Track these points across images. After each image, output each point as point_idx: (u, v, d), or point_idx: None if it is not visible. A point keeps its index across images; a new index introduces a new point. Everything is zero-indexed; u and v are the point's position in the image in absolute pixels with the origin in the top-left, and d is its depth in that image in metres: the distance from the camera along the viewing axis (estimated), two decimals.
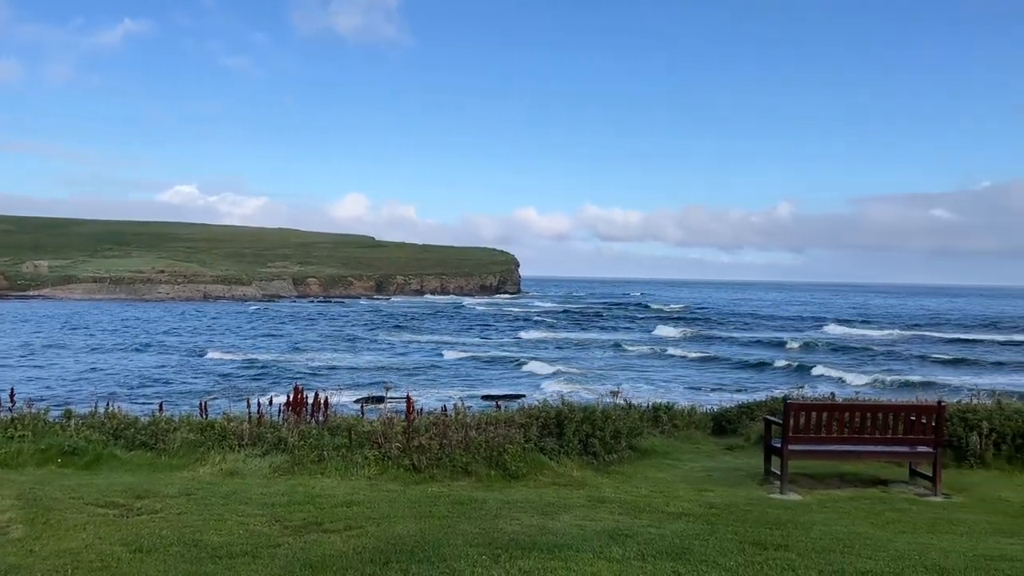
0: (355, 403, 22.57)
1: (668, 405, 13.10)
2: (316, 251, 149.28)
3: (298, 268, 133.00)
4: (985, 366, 43.87)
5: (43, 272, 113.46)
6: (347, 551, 5.81)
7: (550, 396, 11.31)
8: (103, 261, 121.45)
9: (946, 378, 36.11)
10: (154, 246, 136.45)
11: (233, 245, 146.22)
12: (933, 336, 64.92)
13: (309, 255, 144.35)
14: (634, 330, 71.06)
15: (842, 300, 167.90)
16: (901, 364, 45.14)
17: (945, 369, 42.53)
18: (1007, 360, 46.73)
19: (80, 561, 5.50)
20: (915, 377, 36.48)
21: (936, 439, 8.84)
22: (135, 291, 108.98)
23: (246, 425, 9.85)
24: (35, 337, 53.40)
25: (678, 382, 35.78)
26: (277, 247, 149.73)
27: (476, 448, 9.18)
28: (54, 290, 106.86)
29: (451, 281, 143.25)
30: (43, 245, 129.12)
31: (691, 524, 6.95)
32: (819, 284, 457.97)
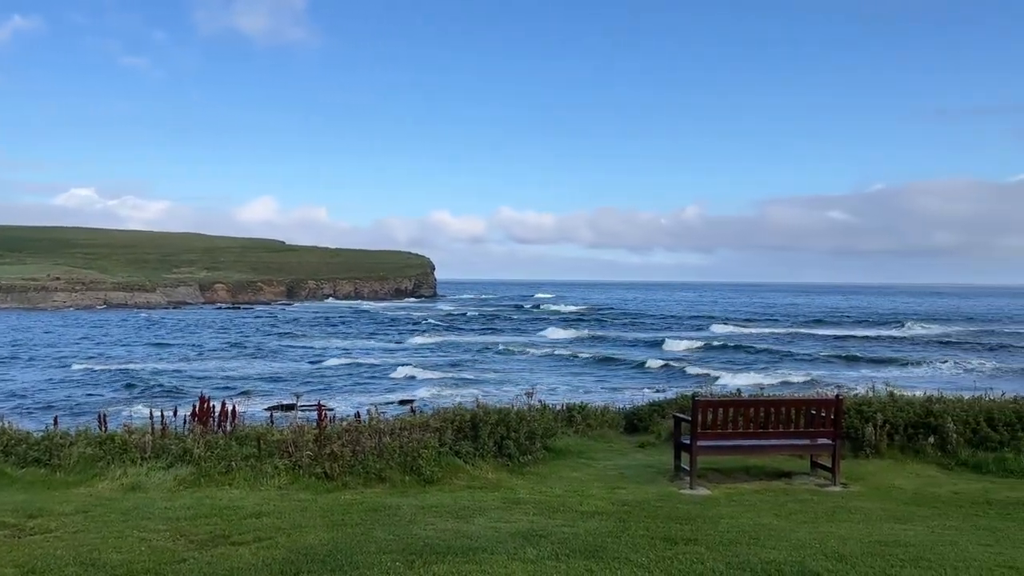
0: (265, 411, 22.04)
1: (582, 405, 13.26)
2: (224, 256, 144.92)
3: (205, 274, 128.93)
4: (858, 362, 45.41)
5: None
6: (256, 563, 5.65)
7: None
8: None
9: (818, 373, 37.35)
10: (49, 252, 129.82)
11: (136, 251, 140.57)
12: (817, 334, 67.86)
13: (216, 260, 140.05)
14: (527, 332, 70.83)
15: (746, 299, 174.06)
16: (775, 361, 46.67)
17: (816, 365, 44.02)
18: (877, 356, 48.63)
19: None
20: (792, 374, 37.67)
21: (835, 431, 9.23)
22: (28, 299, 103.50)
23: (149, 437, 9.47)
24: None
25: (553, 383, 35.66)
26: (182, 252, 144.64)
27: (390, 454, 9.08)
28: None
29: (365, 285, 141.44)
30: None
31: (604, 522, 7.05)
32: (728, 284, 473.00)
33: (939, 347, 55.73)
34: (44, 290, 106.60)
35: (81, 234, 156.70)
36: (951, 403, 10.77)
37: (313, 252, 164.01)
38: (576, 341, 60.99)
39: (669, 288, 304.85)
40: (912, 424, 10.47)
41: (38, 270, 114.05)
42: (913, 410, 10.63)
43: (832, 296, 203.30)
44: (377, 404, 18.08)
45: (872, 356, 48.29)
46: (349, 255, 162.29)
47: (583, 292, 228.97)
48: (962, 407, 10.59)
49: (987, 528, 7.03)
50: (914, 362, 44.65)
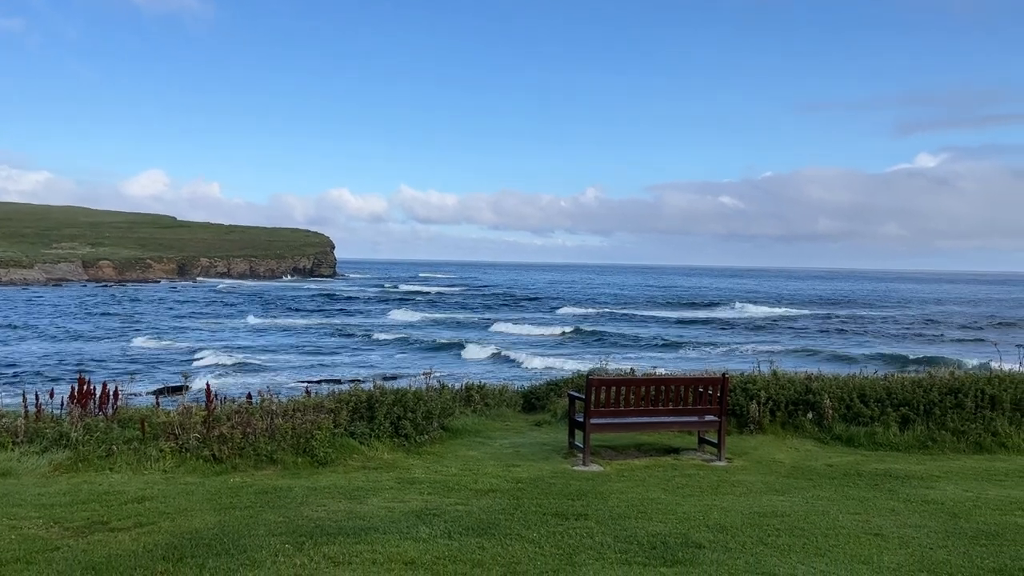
0: (150, 394, 21.21)
1: (480, 384, 13.32)
2: (109, 231, 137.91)
3: (89, 249, 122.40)
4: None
5: None
6: (136, 550, 5.45)
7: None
8: None
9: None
10: None
11: (11, 224, 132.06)
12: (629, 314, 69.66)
13: (101, 236, 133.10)
14: (371, 315, 67.92)
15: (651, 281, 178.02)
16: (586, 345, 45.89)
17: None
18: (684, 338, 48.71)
19: None
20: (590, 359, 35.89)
21: (721, 408, 9.59)
22: None
23: (21, 420, 8.96)
24: None
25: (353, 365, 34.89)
26: (63, 227, 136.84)
27: (282, 435, 8.89)
28: None
29: (261, 263, 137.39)
30: None
31: (498, 499, 7.12)
32: (628, 266, 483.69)
33: (742, 332, 56.15)
34: None
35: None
36: (828, 381, 11.36)
37: (206, 228, 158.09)
38: (417, 324, 59.11)
39: (567, 270, 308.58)
40: (793, 401, 11.00)
41: None
42: (794, 388, 11.16)
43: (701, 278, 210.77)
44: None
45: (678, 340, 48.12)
46: (244, 232, 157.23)
47: (488, 273, 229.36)
48: (838, 384, 11.19)
49: (856, 498, 7.47)
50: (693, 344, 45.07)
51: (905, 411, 10.53)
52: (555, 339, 48.99)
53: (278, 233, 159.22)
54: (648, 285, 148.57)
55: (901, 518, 6.68)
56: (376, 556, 5.25)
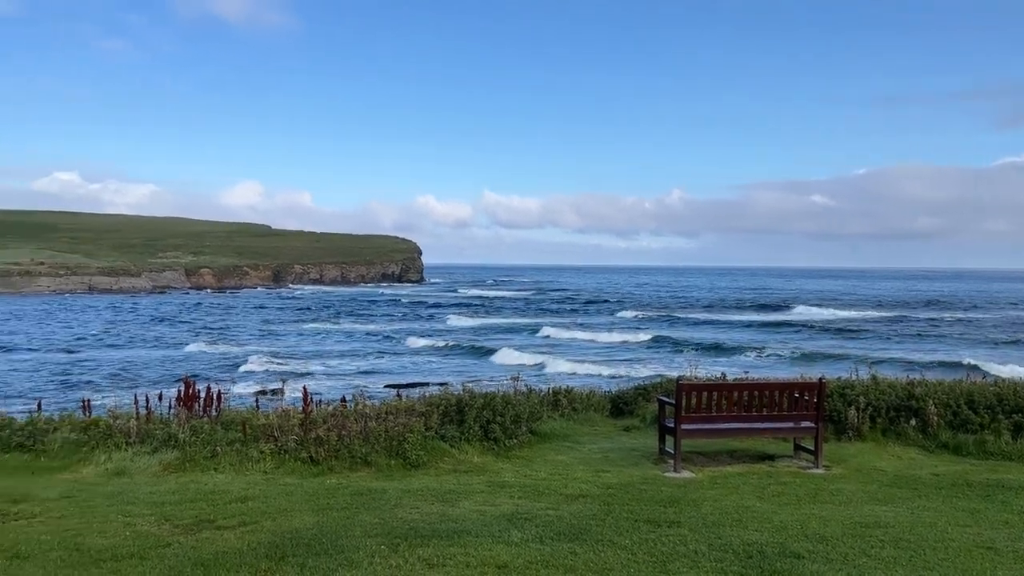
0: (251, 396, 21.99)
1: (568, 388, 13.30)
2: (209, 240, 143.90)
3: (190, 258, 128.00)
4: None
5: None
6: (241, 548, 5.67)
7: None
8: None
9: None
10: (32, 236, 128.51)
11: (120, 235, 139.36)
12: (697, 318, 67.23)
13: (202, 245, 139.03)
14: (430, 319, 68.03)
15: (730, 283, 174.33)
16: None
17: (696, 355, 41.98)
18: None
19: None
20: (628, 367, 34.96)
21: (818, 414, 9.30)
22: (11, 284, 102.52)
23: (133, 422, 9.44)
24: None
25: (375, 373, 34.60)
26: (167, 237, 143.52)
27: (376, 438, 9.10)
28: None
29: (351, 270, 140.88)
30: None
31: (589, 505, 7.10)
32: (713, 268, 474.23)
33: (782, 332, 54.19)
34: (28, 275, 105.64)
35: (64, 218, 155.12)
36: (933, 386, 10.88)
37: (299, 236, 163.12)
38: (466, 329, 58.90)
39: (651, 273, 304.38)
40: (894, 407, 10.57)
41: (20, 255, 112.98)
42: (895, 393, 10.73)
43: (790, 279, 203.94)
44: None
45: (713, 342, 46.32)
46: (335, 239, 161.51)
47: (562, 276, 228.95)
48: (944, 390, 10.70)
49: (966, 509, 7.12)
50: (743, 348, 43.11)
51: (1018, 418, 9.99)
52: (599, 343, 48.18)
53: (367, 240, 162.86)
54: (723, 287, 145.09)
55: (1015, 531, 6.34)
56: (469, 559, 5.31)
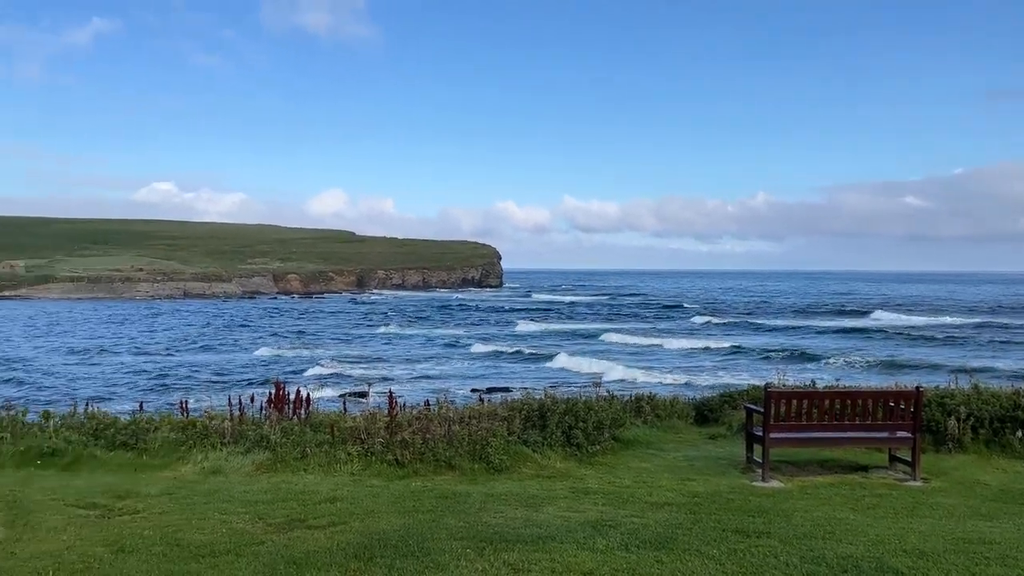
0: (338, 398, 22.50)
1: (651, 395, 13.16)
2: (296, 247, 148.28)
3: (278, 264, 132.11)
4: None
5: (19, 272, 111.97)
6: (331, 547, 5.80)
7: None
8: (80, 260, 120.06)
9: None
10: (132, 244, 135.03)
11: (212, 242, 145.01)
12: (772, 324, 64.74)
13: (289, 251, 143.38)
14: (497, 324, 68.39)
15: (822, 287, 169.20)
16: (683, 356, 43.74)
17: None
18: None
19: (61, 563, 5.46)
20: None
21: (915, 424, 8.93)
22: (114, 290, 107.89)
23: (228, 423, 9.79)
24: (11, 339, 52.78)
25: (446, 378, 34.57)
26: (256, 243, 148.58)
27: (459, 442, 9.18)
28: (31, 290, 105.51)
29: (433, 275, 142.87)
30: (19, 245, 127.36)
31: (674, 513, 6.99)
32: (800, 272, 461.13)
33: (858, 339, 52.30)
34: (128, 280, 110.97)
35: (161, 226, 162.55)
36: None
37: (382, 243, 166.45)
38: (529, 334, 58.98)
39: (733, 277, 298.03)
40: (999, 417, 10.06)
41: (121, 261, 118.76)
42: (1000, 403, 10.21)
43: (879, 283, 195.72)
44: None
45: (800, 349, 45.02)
46: (416, 245, 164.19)
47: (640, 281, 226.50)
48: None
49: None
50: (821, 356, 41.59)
51: None
52: (666, 349, 47.26)
53: (448, 246, 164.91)
54: (810, 292, 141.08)
55: None
56: (555, 565, 5.30)
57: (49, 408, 11.38)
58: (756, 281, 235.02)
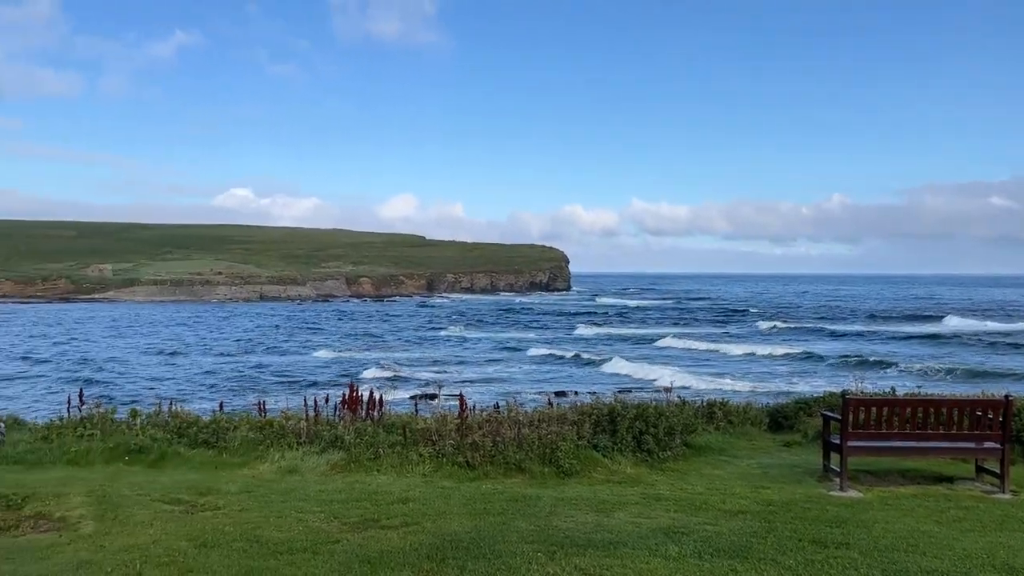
0: (409, 400, 22.82)
1: (723, 401, 12.92)
2: (367, 251, 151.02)
3: (351, 268, 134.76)
4: None
5: (107, 276, 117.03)
6: (404, 547, 5.88)
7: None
8: (163, 264, 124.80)
9: None
10: (212, 248, 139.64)
11: (287, 246, 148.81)
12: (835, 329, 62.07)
13: (361, 255, 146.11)
14: (557, 329, 67.65)
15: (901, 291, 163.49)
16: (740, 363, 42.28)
17: None
18: None
19: (148, 556, 5.68)
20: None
21: (1004, 435, 8.55)
22: (194, 292, 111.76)
23: (303, 423, 10.03)
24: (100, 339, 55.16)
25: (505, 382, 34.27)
26: (329, 247, 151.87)
27: (529, 445, 9.20)
28: (118, 292, 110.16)
29: (501, 278, 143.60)
30: (106, 250, 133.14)
31: (749, 522, 6.86)
32: (877, 276, 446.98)
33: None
34: (208, 284, 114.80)
35: (238, 231, 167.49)
36: None
37: (451, 247, 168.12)
38: (586, 339, 58.32)
39: (808, 281, 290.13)
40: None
41: (202, 265, 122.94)
42: None
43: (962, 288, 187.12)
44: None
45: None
46: (485, 249, 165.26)
47: (711, 285, 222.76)
48: None
49: None
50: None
51: None
52: (726, 355, 46.04)
53: (516, 249, 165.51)
54: (887, 296, 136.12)
55: None
56: (627, 571, 5.26)
57: (136, 406, 11.86)
58: (833, 285, 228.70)
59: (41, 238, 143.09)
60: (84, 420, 10.28)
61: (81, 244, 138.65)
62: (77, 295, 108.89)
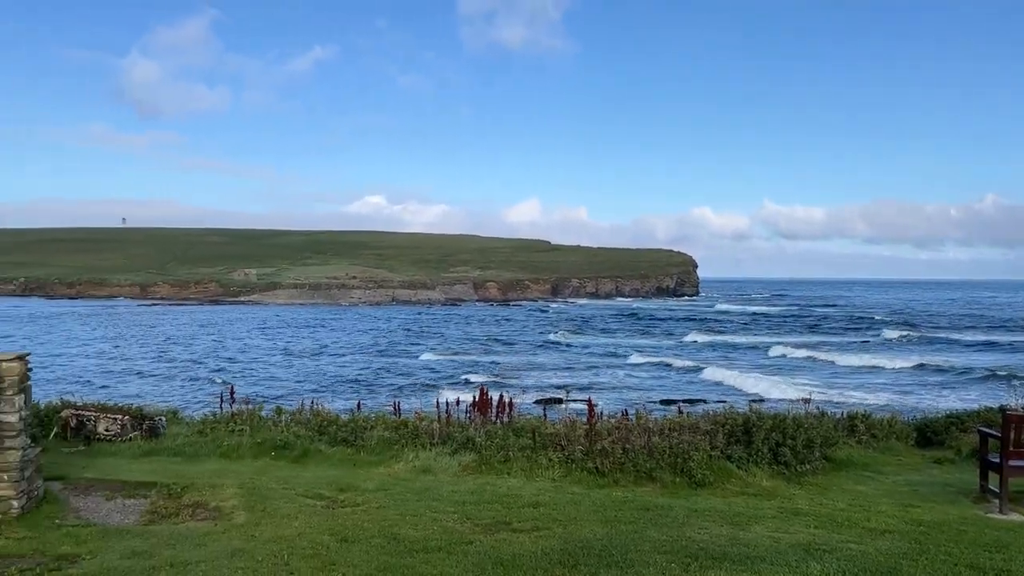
0: (535, 404, 22.94)
1: (866, 414, 12.29)
2: (494, 256, 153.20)
3: (478, 272, 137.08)
4: None
5: (252, 280, 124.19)
6: (535, 551, 5.91)
7: None
8: (303, 268, 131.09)
9: None
10: (347, 254, 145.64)
11: (418, 251, 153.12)
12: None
13: (488, 260, 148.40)
14: (669, 335, 65.35)
15: None
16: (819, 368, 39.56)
17: None
18: None
19: (294, 547, 5.97)
20: None
21: None
22: (331, 296, 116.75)
23: (436, 424, 10.27)
24: (256, 338, 58.55)
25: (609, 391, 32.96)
26: (458, 252, 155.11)
27: (660, 454, 9.06)
28: (262, 296, 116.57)
29: (626, 283, 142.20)
30: (252, 255, 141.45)
31: (897, 542, 6.49)
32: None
33: None
34: (344, 287, 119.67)
35: (372, 237, 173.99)
36: None
37: (576, 251, 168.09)
38: (690, 346, 56.14)
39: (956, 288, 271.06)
40: None
41: (338, 270, 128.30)
42: None
43: None
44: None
45: None
46: (610, 254, 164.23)
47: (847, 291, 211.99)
48: None
49: None
50: None
51: None
52: (838, 366, 43.14)
53: (641, 254, 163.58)
54: None
55: None
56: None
57: (281, 404, 12.51)
58: (986, 291, 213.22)
59: (195, 244, 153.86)
60: (234, 416, 10.93)
61: (230, 250, 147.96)
62: (225, 297, 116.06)
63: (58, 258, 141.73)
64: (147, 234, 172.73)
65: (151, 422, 10.69)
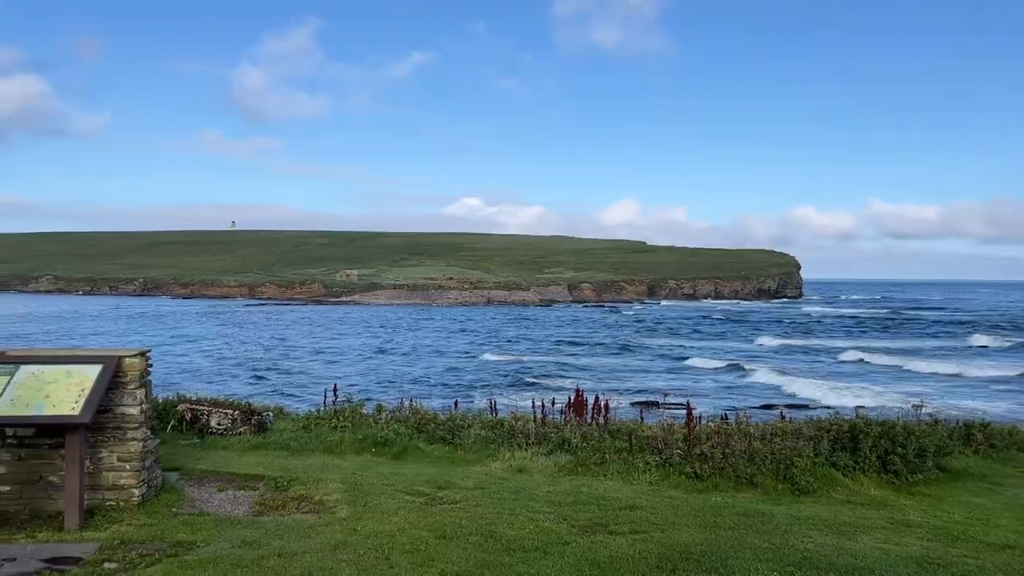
0: (631, 407, 22.74)
1: (984, 422, 11.65)
2: (589, 257, 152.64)
3: (572, 274, 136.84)
4: None
5: (354, 280, 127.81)
6: (633, 555, 5.86)
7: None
8: (401, 269, 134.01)
9: None
10: (444, 255, 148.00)
11: (512, 253, 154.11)
12: None
13: (582, 261, 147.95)
14: (742, 339, 62.27)
15: None
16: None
17: None
18: None
19: (394, 543, 6.11)
20: None
21: None
22: (428, 296, 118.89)
23: (532, 424, 10.32)
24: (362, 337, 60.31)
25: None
26: (552, 254, 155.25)
27: (761, 459, 8.84)
28: (363, 296, 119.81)
29: (725, 285, 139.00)
30: (353, 256, 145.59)
31: (1018, 558, 6.13)
32: None
33: None
34: (440, 288, 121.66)
35: (468, 239, 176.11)
36: None
37: (672, 252, 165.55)
38: (767, 351, 53.13)
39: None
40: None
41: (435, 271, 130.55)
42: None
43: None
44: None
45: None
46: (708, 255, 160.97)
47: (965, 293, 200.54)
48: None
49: None
50: None
51: None
52: (914, 372, 40.43)
53: (740, 255, 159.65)
54: None
55: None
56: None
57: (382, 402, 12.83)
58: None
59: (300, 246, 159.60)
60: (337, 412, 11.28)
61: (332, 251, 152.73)
62: (328, 298, 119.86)
63: (173, 259, 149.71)
64: (255, 236, 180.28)
65: (259, 417, 11.15)
